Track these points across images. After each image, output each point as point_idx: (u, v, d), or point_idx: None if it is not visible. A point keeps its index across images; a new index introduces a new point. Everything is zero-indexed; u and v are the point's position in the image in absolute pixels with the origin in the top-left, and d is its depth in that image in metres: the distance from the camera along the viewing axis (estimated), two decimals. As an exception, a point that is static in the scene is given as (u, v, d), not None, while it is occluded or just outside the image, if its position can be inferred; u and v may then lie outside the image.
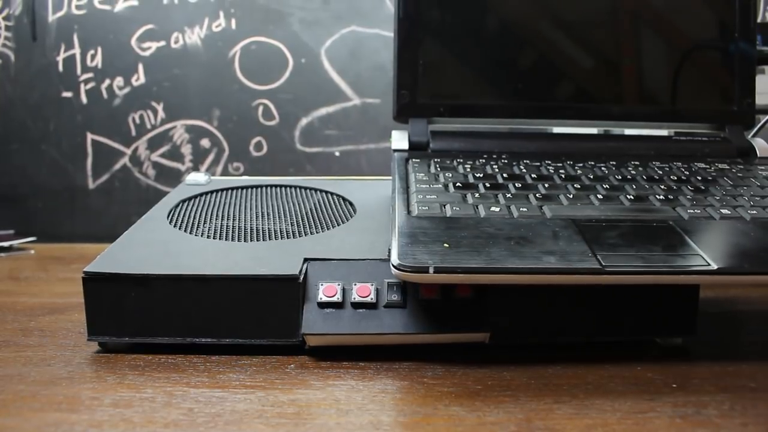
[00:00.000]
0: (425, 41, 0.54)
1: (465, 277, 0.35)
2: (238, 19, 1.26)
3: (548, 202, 0.42)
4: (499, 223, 0.39)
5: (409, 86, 0.54)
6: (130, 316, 0.39)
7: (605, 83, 0.56)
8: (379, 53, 1.26)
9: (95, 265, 0.39)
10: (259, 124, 1.26)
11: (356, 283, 0.39)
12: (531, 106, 0.55)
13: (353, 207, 0.51)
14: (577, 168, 0.49)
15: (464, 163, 0.49)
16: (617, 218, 0.40)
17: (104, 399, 0.33)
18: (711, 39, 0.57)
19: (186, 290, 0.39)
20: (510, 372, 0.37)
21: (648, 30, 0.56)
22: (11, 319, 0.47)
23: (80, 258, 0.84)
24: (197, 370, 0.37)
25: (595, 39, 0.56)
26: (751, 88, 0.56)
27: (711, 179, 0.47)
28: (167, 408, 0.32)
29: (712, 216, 0.41)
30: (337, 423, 0.30)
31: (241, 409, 0.32)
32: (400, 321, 0.38)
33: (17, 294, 0.56)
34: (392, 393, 0.34)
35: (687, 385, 0.35)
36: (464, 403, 0.32)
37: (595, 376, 0.36)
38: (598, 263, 0.35)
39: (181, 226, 0.47)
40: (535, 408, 0.32)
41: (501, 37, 0.55)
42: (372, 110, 1.27)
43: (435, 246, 0.36)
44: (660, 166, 0.50)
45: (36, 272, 0.66)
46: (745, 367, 0.38)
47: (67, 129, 1.27)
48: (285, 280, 0.39)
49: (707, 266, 0.35)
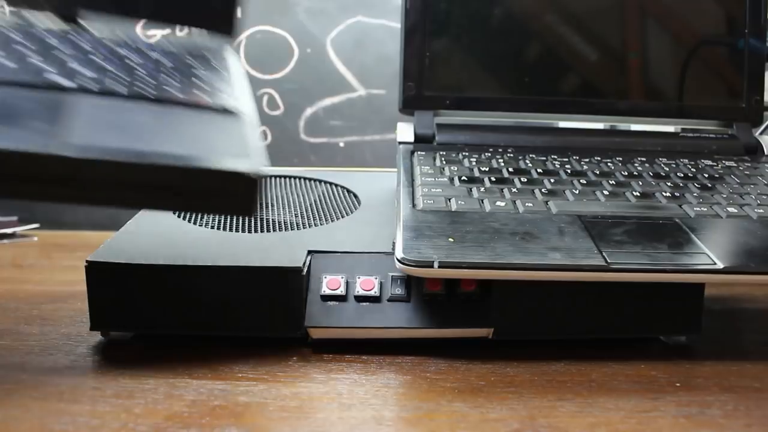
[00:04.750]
0: (432, 33, 0.54)
1: (470, 272, 0.34)
2: (243, 8, 1.25)
3: (554, 198, 0.42)
4: (505, 218, 0.39)
5: (415, 78, 0.53)
6: (132, 306, 0.39)
7: (612, 78, 0.55)
8: (385, 44, 1.25)
9: (98, 254, 0.39)
10: (264, 114, 1.25)
11: (360, 276, 0.39)
12: (537, 99, 0.54)
13: (358, 199, 0.51)
14: (583, 163, 0.48)
15: (470, 156, 0.49)
16: (623, 215, 0.40)
17: (106, 390, 0.33)
18: (720, 35, 0.56)
19: (189, 281, 0.38)
20: (513, 368, 0.37)
21: (656, 25, 0.56)
22: (14, 307, 0.47)
23: (84, 246, 0.84)
24: (199, 362, 0.37)
25: (603, 33, 0.55)
26: (759, 85, 0.55)
27: (718, 177, 0.47)
28: (169, 400, 0.32)
29: (718, 214, 0.41)
30: (339, 417, 0.30)
31: (243, 401, 0.32)
32: (404, 315, 0.38)
33: (20, 281, 0.56)
34: (395, 388, 0.34)
35: (691, 384, 0.35)
36: (467, 399, 0.32)
37: (599, 374, 0.36)
38: (604, 260, 0.34)
39: (185, 216, 0.47)
40: (538, 405, 0.32)
41: (508, 30, 0.55)
42: (377, 101, 1.26)
43: (440, 240, 0.36)
44: (666, 163, 0.50)
45: (39, 260, 0.66)
46: (749, 366, 0.37)
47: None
48: (289, 272, 0.38)
49: (713, 265, 0.35)
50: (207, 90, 0.35)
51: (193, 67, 0.38)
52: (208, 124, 0.33)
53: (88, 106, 0.31)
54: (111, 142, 0.29)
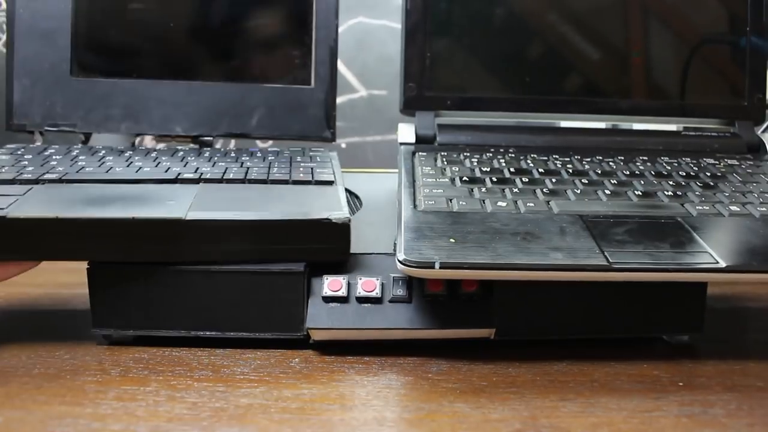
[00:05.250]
0: (432, 34, 0.53)
1: (471, 273, 0.34)
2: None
3: (555, 198, 0.42)
4: (506, 219, 0.39)
5: (416, 79, 0.53)
6: (134, 309, 0.39)
7: (614, 77, 0.55)
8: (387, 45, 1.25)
9: (100, 256, 0.39)
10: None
11: (361, 277, 0.39)
12: (538, 99, 0.54)
13: (359, 200, 0.51)
14: (584, 163, 0.48)
15: (471, 156, 0.49)
16: (625, 214, 0.40)
17: (108, 392, 0.33)
18: (722, 33, 0.56)
19: (191, 283, 0.38)
20: (515, 368, 0.36)
21: (658, 23, 0.56)
22: (16, 310, 0.47)
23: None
24: (201, 364, 0.37)
25: (604, 32, 0.55)
26: (762, 83, 0.55)
27: (720, 175, 0.47)
28: (171, 402, 0.32)
29: (720, 213, 0.40)
30: (341, 419, 0.30)
31: (244, 403, 0.32)
32: (405, 316, 0.38)
33: (22, 284, 0.56)
34: (397, 389, 0.34)
35: (693, 383, 0.35)
36: (469, 399, 0.32)
37: (601, 374, 0.36)
38: (606, 260, 0.34)
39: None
40: (540, 405, 0.32)
41: (509, 30, 0.54)
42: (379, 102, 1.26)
43: (441, 241, 0.36)
44: (668, 162, 0.50)
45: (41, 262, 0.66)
46: (752, 365, 0.37)
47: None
48: (290, 273, 0.38)
49: (716, 264, 0.35)
50: (307, 171, 0.46)
51: (298, 159, 0.49)
52: (308, 192, 0.42)
53: (210, 190, 0.42)
54: (225, 209, 0.38)
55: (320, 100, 0.54)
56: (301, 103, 0.54)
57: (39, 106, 0.52)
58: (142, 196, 0.40)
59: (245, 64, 0.55)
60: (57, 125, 0.52)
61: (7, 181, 0.41)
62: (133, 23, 0.54)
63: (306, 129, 0.54)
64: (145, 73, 0.53)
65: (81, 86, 0.53)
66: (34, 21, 0.52)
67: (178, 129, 0.53)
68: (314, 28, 0.54)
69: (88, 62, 0.53)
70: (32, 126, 0.52)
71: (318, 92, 0.54)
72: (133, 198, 0.40)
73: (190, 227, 0.37)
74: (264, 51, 0.55)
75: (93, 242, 0.37)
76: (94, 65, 0.53)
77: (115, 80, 0.53)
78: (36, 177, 0.42)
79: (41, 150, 0.49)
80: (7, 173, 0.42)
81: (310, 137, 0.54)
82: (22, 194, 0.39)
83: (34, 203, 0.38)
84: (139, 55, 0.54)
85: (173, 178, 0.43)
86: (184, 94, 0.53)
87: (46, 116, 0.52)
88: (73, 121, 0.52)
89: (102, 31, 0.54)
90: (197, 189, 0.41)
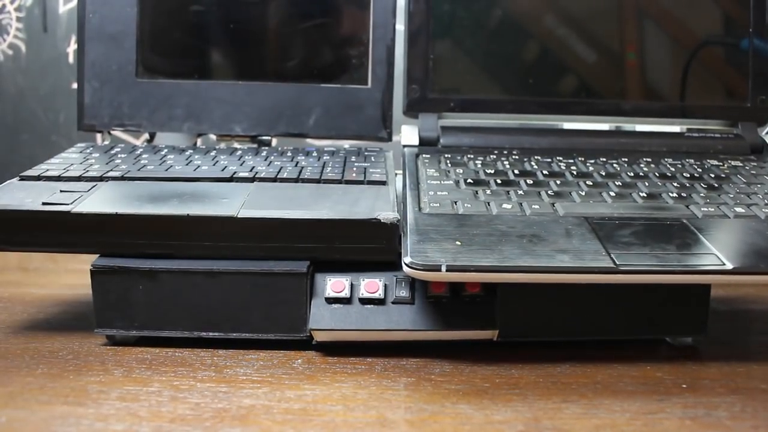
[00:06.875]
0: (436, 36, 0.53)
1: (478, 275, 0.34)
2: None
3: (560, 200, 0.41)
4: (512, 221, 0.38)
5: (419, 81, 0.53)
6: (137, 310, 0.39)
7: (617, 79, 0.55)
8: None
9: (104, 258, 0.39)
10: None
11: (364, 278, 0.39)
12: (542, 101, 0.54)
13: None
14: (588, 164, 0.48)
15: (475, 158, 0.49)
16: (630, 216, 0.40)
17: (111, 392, 0.33)
18: (725, 35, 0.56)
19: (194, 284, 0.38)
20: (518, 370, 0.36)
21: (660, 25, 0.56)
22: (20, 310, 0.47)
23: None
24: (204, 365, 0.37)
25: (607, 34, 0.55)
26: (765, 84, 0.55)
27: (724, 177, 0.47)
28: (174, 402, 0.32)
29: (726, 214, 0.40)
30: (344, 420, 0.30)
31: (247, 404, 0.32)
32: (408, 317, 0.38)
33: (26, 285, 0.56)
34: (399, 390, 0.34)
35: (697, 385, 0.35)
36: (472, 401, 0.32)
37: (604, 376, 0.36)
38: (612, 262, 0.34)
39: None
40: (543, 407, 0.32)
41: (512, 33, 0.54)
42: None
43: (446, 244, 0.35)
44: (672, 163, 0.49)
45: (45, 263, 0.66)
46: (756, 368, 0.37)
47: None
48: (293, 274, 0.38)
49: (722, 266, 0.34)
50: (360, 171, 0.47)
51: (353, 159, 0.50)
52: (359, 192, 0.43)
53: (264, 189, 0.43)
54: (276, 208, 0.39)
55: (377, 100, 0.55)
56: (357, 102, 0.55)
57: (107, 107, 0.54)
58: (198, 194, 0.42)
59: (303, 65, 0.55)
60: (124, 125, 0.54)
61: (74, 178, 0.44)
62: (195, 26, 0.55)
63: (362, 129, 0.55)
64: (206, 74, 0.55)
65: (146, 87, 0.54)
66: (102, 26, 0.54)
67: (237, 129, 0.55)
68: (372, 27, 0.55)
69: (152, 64, 0.55)
70: (101, 126, 0.55)
71: (375, 92, 0.55)
72: (189, 195, 0.41)
73: (241, 224, 0.38)
74: (322, 51, 0.56)
75: (149, 237, 0.39)
76: (158, 67, 0.55)
77: (178, 81, 0.54)
78: (100, 175, 0.44)
79: (108, 149, 0.52)
80: (74, 171, 0.45)
81: (367, 137, 0.55)
82: (86, 191, 0.41)
83: (96, 200, 0.40)
84: (200, 57, 0.55)
85: (229, 177, 0.44)
86: (243, 94, 0.54)
87: (114, 116, 0.54)
88: (138, 121, 0.54)
89: (165, 34, 0.55)
90: (251, 187, 0.43)
